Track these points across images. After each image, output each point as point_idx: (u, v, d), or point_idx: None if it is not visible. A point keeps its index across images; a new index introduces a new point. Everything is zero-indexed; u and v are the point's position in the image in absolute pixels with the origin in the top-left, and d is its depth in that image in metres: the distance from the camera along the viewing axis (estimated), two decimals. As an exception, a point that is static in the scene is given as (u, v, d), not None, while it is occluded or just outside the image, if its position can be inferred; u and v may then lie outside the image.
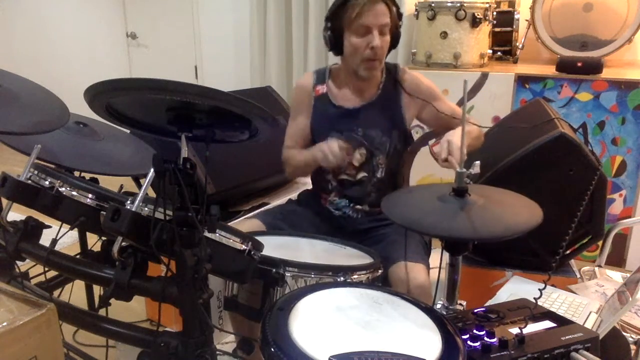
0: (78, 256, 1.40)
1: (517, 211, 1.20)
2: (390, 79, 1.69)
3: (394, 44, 1.64)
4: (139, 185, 2.18)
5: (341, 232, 1.67)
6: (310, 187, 1.84)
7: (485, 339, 1.06)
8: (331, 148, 1.48)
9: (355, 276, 1.30)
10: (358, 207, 1.70)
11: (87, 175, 1.45)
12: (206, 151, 1.10)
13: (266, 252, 1.22)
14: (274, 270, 1.27)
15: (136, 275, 1.04)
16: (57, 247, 1.17)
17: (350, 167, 1.67)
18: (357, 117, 1.67)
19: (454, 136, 1.40)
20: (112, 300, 1.05)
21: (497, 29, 2.92)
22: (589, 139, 2.44)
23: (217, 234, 1.09)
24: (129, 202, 1.06)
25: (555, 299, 1.46)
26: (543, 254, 1.74)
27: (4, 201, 1.28)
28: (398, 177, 1.75)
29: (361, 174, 1.68)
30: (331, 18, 1.61)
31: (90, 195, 1.15)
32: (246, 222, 1.66)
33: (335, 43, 1.63)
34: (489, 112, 2.65)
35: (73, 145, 1.61)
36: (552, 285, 1.53)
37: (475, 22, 2.66)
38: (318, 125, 1.71)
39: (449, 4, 2.66)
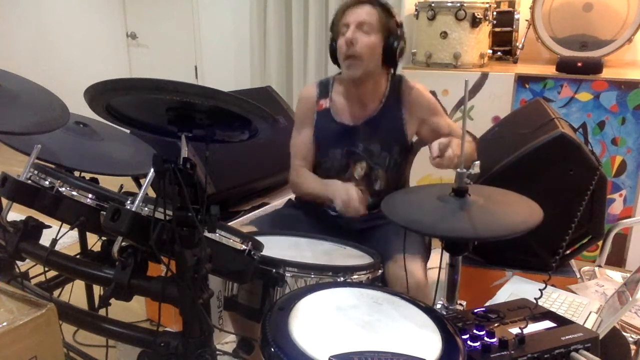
0: (78, 256, 1.40)
1: (517, 211, 1.20)
2: (393, 93, 1.69)
3: (389, 54, 1.62)
4: (139, 185, 2.18)
5: (339, 232, 1.67)
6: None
7: (485, 339, 1.06)
8: (352, 201, 1.47)
9: (355, 276, 1.30)
10: None
11: (87, 175, 1.45)
12: (206, 151, 1.10)
13: (266, 252, 1.23)
14: (274, 270, 1.27)
15: (136, 275, 1.04)
16: (57, 247, 1.17)
17: (352, 180, 1.68)
18: (358, 133, 1.68)
19: (452, 141, 1.42)
20: (112, 300, 1.05)
21: (497, 29, 2.92)
22: (589, 139, 2.44)
23: (217, 234, 1.10)
24: (129, 202, 1.06)
25: (555, 299, 1.46)
26: (543, 254, 1.74)
27: (4, 201, 1.29)
28: (397, 186, 1.74)
29: (360, 186, 1.68)
30: (331, 28, 1.68)
31: (90, 195, 1.15)
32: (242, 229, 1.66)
33: (333, 53, 1.67)
34: (489, 112, 2.65)
35: (73, 145, 1.61)
36: (552, 285, 1.52)
37: (475, 22, 2.65)
38: (319, 141, 1.72)
39: (449, 4, 2.65)
